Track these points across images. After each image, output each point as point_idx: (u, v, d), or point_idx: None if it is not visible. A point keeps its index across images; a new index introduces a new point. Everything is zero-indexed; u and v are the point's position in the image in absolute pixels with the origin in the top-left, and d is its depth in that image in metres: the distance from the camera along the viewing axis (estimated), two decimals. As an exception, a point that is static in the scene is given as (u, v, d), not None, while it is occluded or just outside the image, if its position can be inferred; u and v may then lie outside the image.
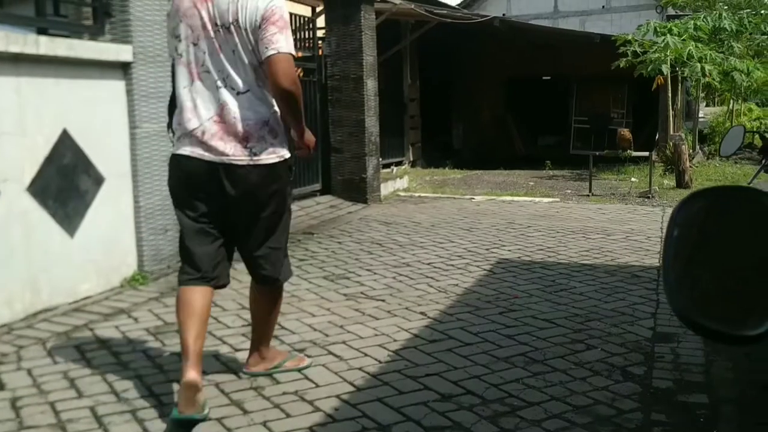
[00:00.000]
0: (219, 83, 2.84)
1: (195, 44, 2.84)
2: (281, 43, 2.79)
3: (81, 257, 4.29)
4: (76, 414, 2.84)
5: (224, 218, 2.96)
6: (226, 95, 2.84)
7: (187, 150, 2.87)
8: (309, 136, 3.08)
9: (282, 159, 2.94)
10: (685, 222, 1.15)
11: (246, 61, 2.84)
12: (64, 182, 4.18)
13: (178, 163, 2.93)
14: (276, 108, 2.93)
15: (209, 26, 2.82)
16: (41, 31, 4.24)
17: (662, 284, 1.13)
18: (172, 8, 2.93)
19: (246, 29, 2.80)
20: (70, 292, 4.22)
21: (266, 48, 2.79)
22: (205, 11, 2.82)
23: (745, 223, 1.13)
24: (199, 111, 2.85)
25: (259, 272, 3.09)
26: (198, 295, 2.90)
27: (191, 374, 2.71)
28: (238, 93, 2.85)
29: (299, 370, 3.28)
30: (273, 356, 3.29)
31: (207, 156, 2.84)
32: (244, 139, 2.84)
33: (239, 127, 2.83)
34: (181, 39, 2.86)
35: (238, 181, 2.87)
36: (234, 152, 2.84)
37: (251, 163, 2.86)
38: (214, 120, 2.84)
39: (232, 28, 2.80)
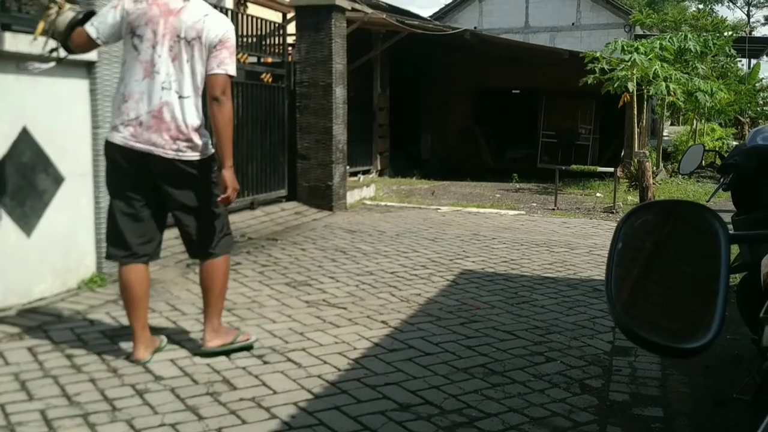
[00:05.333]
0: (165, 85, 3.25)
1: (153, 47, 3.25)
2: (230, 66, 3.33)
3: (37, 257, 4.21)
4: (26, 417, 2.78)
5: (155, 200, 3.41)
6: (170, 96, 3.25)
7: (119, 138, 3.27)
8: (231, 175, 3.38)
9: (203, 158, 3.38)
10: (629, 235, 1.15)
11: (197, 71, 3.30)
12: (22, 181, 4.10)
13: (110, 147, 3.32)
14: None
15: (170, 36, 3.26)
16: (4, 27, 4.16)
17: (605, 296, 1.14)
18: (135, 9, 3.27)
19: (205, 46, 3.28)
20: (25, 292, 4.13)
21: (218, 66, 3.30)
22: (171, 23, 3.26)
23: (687, 237, 1.14)
24: (141, 104, 3.24)
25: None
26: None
27: None
28: (181, 97, 3.28)
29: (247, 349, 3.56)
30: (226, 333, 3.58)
31: (138, 146, 3.25)
32: (175, 137, 3.27)
33: (174, 125, 3.26)
34: (143, 39, 3.25)
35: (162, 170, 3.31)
36: (163, 145, 3.26)
37: (177, 157, 3.29)
38: (153, 114, 3.24)
39: (193, 42, 3.27)
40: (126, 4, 3.29)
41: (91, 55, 4.46)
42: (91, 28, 3.31)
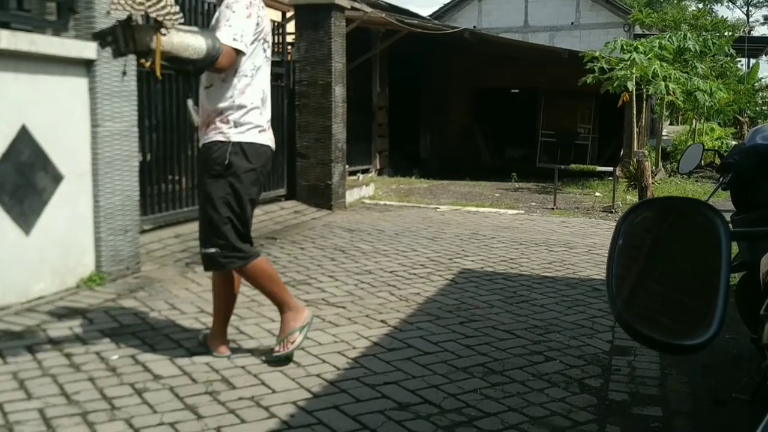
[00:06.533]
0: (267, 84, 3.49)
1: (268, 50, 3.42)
2: None
3: (36, 256, 4.20)
4: (25, 416, 2.77)
5: None
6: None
7: (267, 140, 3.42)
8: None
9: None
10: (629, 232, 1.15)
11: None
12: (21, 179, 4.09)
13: (265, 149, 3.41)
14: None
15: (269, 39, 3.44)
16: (3, 25, 4.15)
17: (606, 293, 1.14)
18: (263, 14, 3.32)
19: None
20: (24, 291, 4.13)
21: None
22: (267, 27, 3.41)
23: (688, 234, 1.14)
24: (269, 105, 3.50)
25: None
26: None
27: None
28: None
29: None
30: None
31: (273, 144, 3.50)
32: None
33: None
34: (269, 44, 3.40)
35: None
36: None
37: None
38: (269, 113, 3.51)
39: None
40: (257, 11, 3.27)
41: (90, 53, 4.46)
42: (240, 45, 3.18)
